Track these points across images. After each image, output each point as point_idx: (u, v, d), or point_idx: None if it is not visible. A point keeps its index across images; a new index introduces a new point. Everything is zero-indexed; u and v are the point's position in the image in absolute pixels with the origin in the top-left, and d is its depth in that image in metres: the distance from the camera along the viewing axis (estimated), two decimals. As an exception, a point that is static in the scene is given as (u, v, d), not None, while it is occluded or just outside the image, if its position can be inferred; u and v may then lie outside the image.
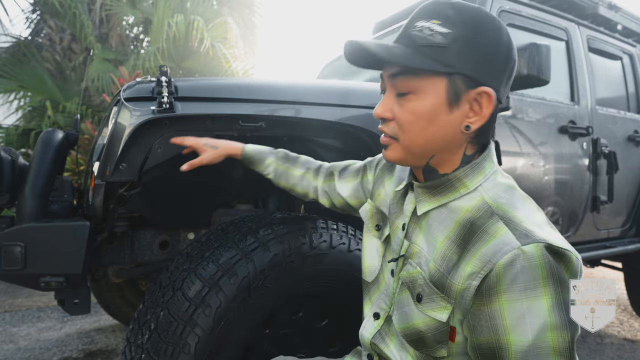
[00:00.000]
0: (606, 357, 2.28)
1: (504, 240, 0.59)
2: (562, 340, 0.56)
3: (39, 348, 2.33)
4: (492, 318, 0.58)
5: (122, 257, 1.43)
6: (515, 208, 0.63)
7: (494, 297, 0.57)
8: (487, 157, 0.70)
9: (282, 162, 1.13)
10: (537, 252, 0.56)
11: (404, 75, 0.66)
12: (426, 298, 0.67)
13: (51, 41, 5.43)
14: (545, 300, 0.56)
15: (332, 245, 1.21)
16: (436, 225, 0.70)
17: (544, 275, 0.56)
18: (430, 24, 0.64)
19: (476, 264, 0.60)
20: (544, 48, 1.59)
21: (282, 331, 1.22)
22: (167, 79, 1.12)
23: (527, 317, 0.55)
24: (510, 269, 0.56)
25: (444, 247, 0.66)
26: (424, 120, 0.66)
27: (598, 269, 3.52)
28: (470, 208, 0.66)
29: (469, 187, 0.68)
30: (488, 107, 0.66)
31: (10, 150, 1.23)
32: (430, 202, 0.72)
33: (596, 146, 2.22)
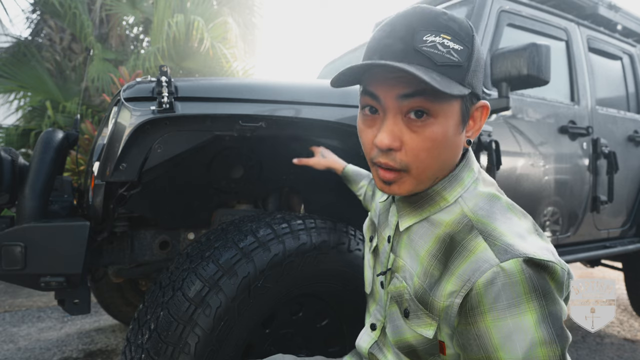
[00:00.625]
0: (606, 357, 2.28)
1: (482, 257, 0.57)
2: (553, 354, 0.54)
3: (39, 348, 2.33)
4: (479, 337, 0.56)
5: (122, 257, 1.43)
6: (495, 220, 0.61)
7: (479, 317, 0.56)
8: (464, 168, 0.68)
9: (372, 187, 1.14)
10: (516, 268, 0.54)
11: (422, 96, 0.58)
12: (412, 314, 0.66)
13: (51, 41, 5.43)
14: (530, 316, 0.54)
15: (332, 245, 1.21)
16: (417, 239, 0.68)
17: (526, 291, 0.54)
18: (441, 39, 0.58)
19: (456, 283, 0.58)
20: (544, 48, 1.59)
21: (282, 331, 1.22)
22: (167, 79, 1.12)
23: (514, 334, 0.54)
24: (491, 288, 0.55)
25: (426, 262, 0.65)
26: (442, 146, 0.61)
27: (598, 269, 3.53)
28: (450, 222, 0.64)
29: (449, 200, 0.66)
30: (483, 119, 0.66)
31: (10, 150, 1.23)
32: (410, 216, 0.70)
33: (596, 146, 2.22)
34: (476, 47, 0.61)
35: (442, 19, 0.60)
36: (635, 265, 2.69)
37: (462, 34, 0.60)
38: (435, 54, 0.58)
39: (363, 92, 0.64)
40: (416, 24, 0.59)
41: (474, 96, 0.64)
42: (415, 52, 0.58)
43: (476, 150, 1.70)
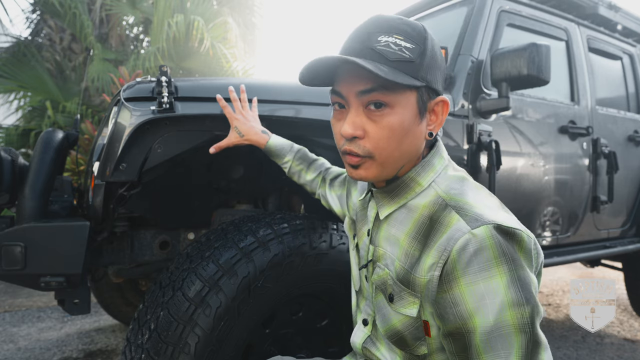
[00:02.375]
0: (606, 357, 2.28)
1: (456, 227, 0.62)
2: (521, 317, 0.57)
3: (39, 348, 2.33)
4: (455, 304, 0.60)
5: (122, 257, 1.43)
6: (466, 195, 0.67)
7: (453, 282, 0.60)
8: (435, 154, 0.74)
9: (298, 163, 1.18)
10: (486, 234, 0.59)
11: (378, 91, 0.65)
12: (397, 297, 0.70)
13: (51, 41, 5.43)
14: (501, 279, 0.58)
15: (332, 245, 1.21)
16: (397, 225, 0.73)
17: (496, 255, 0.58)
18: (394, 39, 0.65)
19: (434, 255, 0.63)
20: (544, 48, 1.59)
21: (282, 331, 1.22)
22: (167, 79, 1.12)
23: (486, 297, 0.58)
24: (464, 253, 0.59)
25: (406, 244, 0.69)
26: (400, 134, 0.67)
27: (598, 269, 3.53)
28: (426, 204, 0.70)
29: (423, 184, 0.72)
30: (445, 113, 0.72)
31: (10, 150, 1.23)
32: (390, 205, 0.75)
33: (596, 146, 2.23)
34: (429, 47, 0.68)
35: (395, 23, 0.67)
36: (635, 265, 2.69)
37: (414, 35, 0.67)
38: (387, 52, 0.65)
39: (331, 91, 0.72)
40: (372, 27, 0.67)
41: (432, 91, 0.70)
42: (371, 51, 0.66)
43: (476, 150, 1.70)
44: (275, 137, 1.18)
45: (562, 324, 2.79)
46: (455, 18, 1.95)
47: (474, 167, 1.71)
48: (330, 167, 1.19)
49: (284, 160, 1.18)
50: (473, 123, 1.71)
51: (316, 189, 1.17)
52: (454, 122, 1.68)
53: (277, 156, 1.18)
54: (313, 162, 1.19)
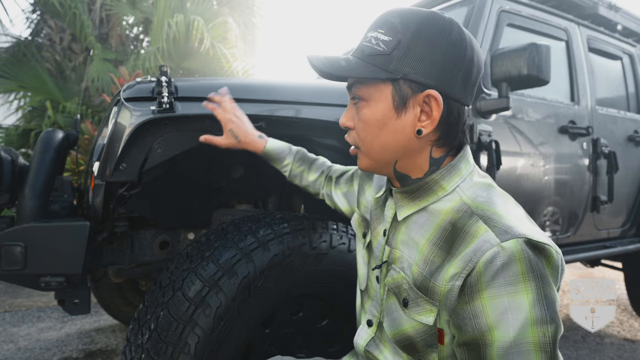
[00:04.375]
0: (606, 357, 2.28)
1: (484, 238, 0.59)
2: (544, 336, 0.56)
3: (39, 348, 2.33)
4: (475, 316, 0.58)
5: (122, 257, 1.43)
6: (494, 204, 0.63)
7: (476, 294, 0.58)
8: (462, 158, 0.70)
9: (299, 164, 1.15)
10: (516, 248, 0.56)
11: (355, 86, 0.70)
12: (412, 302, 0.68)
13: (51, 41, 5.43)
14: (526, 295, 0.56)
15: (332, 245, 1.21)
16: (416, 229, 0.70)
17: (524, 271, 0.56)
18: (376, 33, 0.67)
19: (458, 265, 0.60)
20: (544, 48, 1.58)
21: (282, 331, 1.22)
22: (167, 79, 1.12)
23: (508, 312, 0.56)
24: (491, 266, 0.57)
25: (427, 250, 0.66)
26: (374, 127, 0.68)
27: (598, 269, 3.53)
28: (450, 210, 0.66)
29: (447, 189, 0.68)
30: (437, 110, 0.65)
31: (10, 150, 1.23)
32: (409, 206, 0.72)
33: (596, 146, 2.22)
34: (413, 38, 0.64)
35: (388, 17, 0.68)
36: (635, 265, 2.69)
37: (398, 27, 0.65)
38: (366, 47, 0.68)
39: None
40: (371, 24, 0.70)
41: (417, 85, 0.65)
42: (358, 48, 0.69)
43: (476, 150, 1.70)
44: (272, 141, 1.14)
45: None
46: (455, 18, 1.94)
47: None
48: (332, 165, 1.16)
49: (284, 164, 1.14)
50: (473, 123, 1.71)
51: (320, 189, 1.13)
52: (454, 122, 1.68)
53: (277, 160, 1.14)
54: (313, 161, 1.16)
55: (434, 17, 0.66)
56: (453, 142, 0.70)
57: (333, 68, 0.68)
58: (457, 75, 0.65)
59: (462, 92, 0.67)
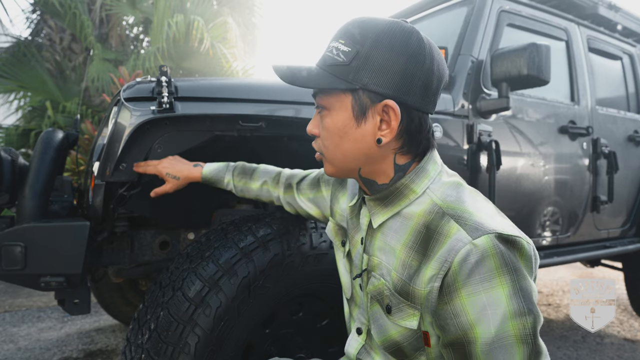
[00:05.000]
0: (606, 357, 2.28)
1: (456, 237, 0.60)
2: (523, 327, 0.57)
3: (39, 348, 2.33)
4: (456, 315, 0.59)
5: (122, 257, 1.43)
6: (463, 202, 0.65)
7: (454, 293, 0.59)
8: (429, 160, 0.72)
9: (239, 179, 1.15)
10: (488, 244, 0.58)
11: (319, 95, 0.71)
12: (395, 308, 0.69)
13: (51, 41, 5.43)
14: (503, 289, 0.57)
15: (332, 245, 1.21)
16: (392, 234, 0.71)
17: (498, 266, 0.58)
18: (337, 44, 0.68)
19: (435, 266, 0.61)
20: (544, 48, 1.59)
21: (282, 331, 1.22)
22: (167, 79, 1.12)
23: (487, 308, 0.57)
24: (465, 264, 0.58)
25: (403, 255, 0.67)
26: (336, 136, 0.70)
27: (598, 269, 3.53)
28: (422, 212, 0.67)
29: (417, 192, 0.70)
30: (395, 120, 0.66)
31: (10, 150, 1.23)
32: (383, 213, 0.73)
33: (596, 146, 2.22)
34: (370, 49, 0.65)
35: (349, 27, 0.68)
36: (635, 265, 2.69)
37: (357, 38, 0.66)
38: (327, 57, 0.69)
39: None
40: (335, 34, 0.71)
41: (374, 95, 0.66)
42: (321, 58, 0.71)
43: (476, 150, 1.70)
44: (209, 165, 1.17)
45: (562, 324, 2.79)
46: (455, 18, 1.95)
47: (474, 167, 1.71)
48: (282, 170, 1.14)
49: (225, 182, 1.15)
50: (473, 123, 1.71)
51: (271, 196, 1.12)
52: (454, 122, 1.68)
53: (217, 181, 1.16)
54: (254, 170, 1.16)
55: (392, 28, 0.66)
56: (417, 149, 0.71)
57: (294, 78, 0.70)
58: (416, 84, 0.66)
59: (422, 101, 0.67)
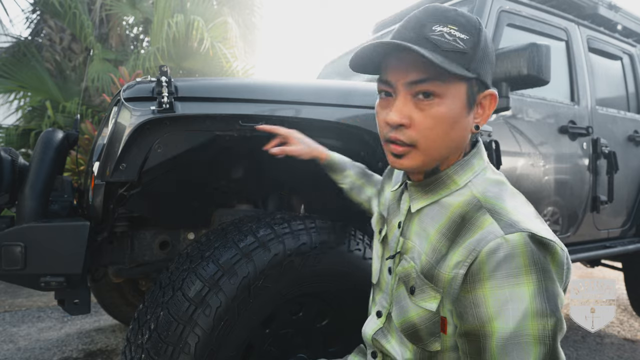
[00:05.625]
0: (606, 357, 2.28)
1: (489, 229, 0.61)
2: (543, 328, 0.56)
3: (39, 348, 2.33)
4: (476, 305, 0.59)
5: (122, 257, 1.43)
6: (503, 200, 0.66)
7: (478, 284, 0.59)
8: (476, 155, 0.74)
9: (359, 177, 1.16)
10: (520, 241, 0.58)
11: (430, 82, 0.65)
12: (418, 289, 0.70)
13: (51, 41, 5.43)
14: (528, 287, 0.57)
15: (332, 245, 1.21)
16: (428, 220, 0.72)
17: (526, 263, 0.57)
18: (448, 29, 0.65)
19: (462, 253, 0.62)
20: (544, 48, 1.58)
21: (282, 331, 1.22)
22: (167, 79, 1.12)
23: (509, 303, 0.57)
24: (494, 257, 0.58)
25: (435, 240, 0.69)
26: (447, 125, 0.67)
27: (598, 269, 3.53)
28: (460, 203, 0.69)
29: (459, 183, 0.71)
30: (491, 108, 0.71)
31: (10, 150, 1.23)
32: (423, 199, 0.75)
33: (596, 146, 2.22)
34: (483, 40, 0.67)
35: (451, 14, 0.67)
36: (635, 265, 2.69)
37: (468, 27, 0.67)
38: (441, 41, 0.65)
39: (379, 79, 0.72)
40: (427, 17, 0.67)
41: (482, 84, 0.69)
42: (425, 40, 0.65)
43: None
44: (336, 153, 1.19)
45: (562, 324, 2.79)
46: (455, 18, 1.95)
47: (474, 167, 1.71)
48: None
49: (345, 174, 1.15)
50: (473, 123, 1.71)
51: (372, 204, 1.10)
52: (454, 122, 1.68)
53: (338, 169, 1.16)
54: (371, 176, 1.16)
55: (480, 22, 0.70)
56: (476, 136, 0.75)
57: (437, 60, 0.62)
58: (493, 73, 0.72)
59: None
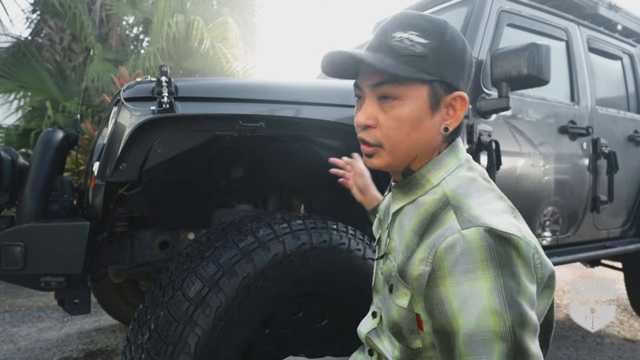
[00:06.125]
0: (606, 357, 2.28)
1: (448, 226, 0.62)
2: (503, 325, 0.56)
3: (39, 348, 2.33)
4: (441, 302, 0.60)
5: (122, 257, 1.43)
6: (469, 196, 0.66)
7: (440, 280, 0.60)
8: (448, 153, 0.74)
9: None
10: (475, 236, 0.59)
11: (389, 84, 0.69)
12: (394, 287, 0.73)
13: (51, 41, 5.43)
14: (484, 283, 0.57)
15: (332, 245, 1.21)
16: (405, 220, 0.74)
17: (482, 258, 0.58)
18: (408, 35, 0.68)
19: (425, 250, 0.64)
20: (544, 48, 1.58)
21: (282, 331, 1.22)
22: (167, 79, 1.12)
23: (469, 299, 0.57)
24: (451, 253, 0.60)
25: (408, 238, 0.71)
26: (409, 126, 0.69)
27: (598, 269, 3.53)
28: (431, 201, 0.70)
29: (433, 182, 0.72)
30: (462, 109, 0.72)
31: (10, 150, 1.23)
32: (402, 199, 0.76)
33: (596, 146, 2.22)
34: (447, 43, 0.69)
35: (413, 19, 0.69)
36: (635, 265, 2.69)
37: (430, 31, 0.68)
38: (399, 47, 0.68)
39: (354, 84, 0.76)
40: (391, 24, 0.70)
41: (448, 86, 0.70)
42: (386, 46, 0.69)
43: (476, 150, 1.70)
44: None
45: (562, 324, 2.79)
46: (455, 18, 1.95)
47: (474, 167, 1.71)
48: None
49: None
50: (473, 123, 1.71)
51: None
52: (454, 122, 1.68)
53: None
54: None
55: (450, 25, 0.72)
56: (455, 137, 0.75)
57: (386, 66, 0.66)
58: (467, 77, 0.73)
59: (467, 91, 0.74)
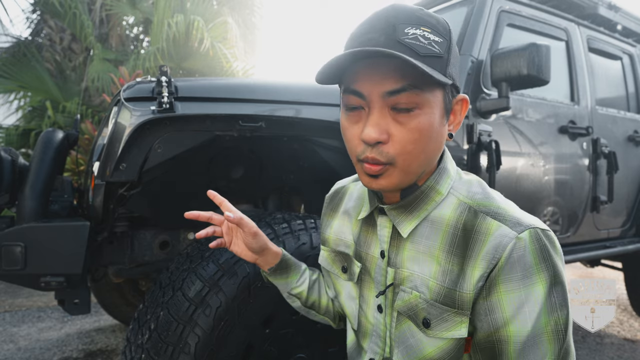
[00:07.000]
0: (606, 357, 2.28)
1: (500, 233, 0.58)
2: (556, 324, 0.56)
3: (39, 348, 2.33)
4: (491, 311, 0.58)
5: (122, 257, 1.43)
6: (493, 199, 0.64)
7: (493, 289, 0.58)
8: (447, 159, 0.70)
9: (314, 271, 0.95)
10: (530, 238, 0.57)
11: (409, 91, 0.57)
12: (435, 320, 0.62)
13: (51, 41, 5.43)
14: (542, 286, 0.57)
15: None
16: (423, 242, 0.66)
17: (537, 262, 0.57)
18: (422, 31, 0.58)
19: (482, 265, 0.58)
20: (544, 48, 1.58)
21: (282, 331, 1.21)
22: (167, 79, 1.12)
23: (525, 305, 0.56)
24: (510, 259, 0.57)
25: (443, 260, 0.63)
26: (427, 137, 0.60)
27: (598, 269, 3.53)
28: (452, 214, 0.64)
29: (442, 193, 0.66)
30: (464, 113, 0.67)
31: (10, 150, 1.23)
32: (410, 220, 0.67)
33: (596, 146, 2.22)
34: (453, 41, 0.62)
35: (420, 14, 0.60)
36: (635, 265, 2.69)
37: (440, 28, 0.60)
38: (417, 45, 0.57)
39: (346, 91, 0.62)
40: (396, 18, 0.59)
41: (455, 89, 0.64)
42: (398, 44, 0.57)
43: (476, 150, 1.70)
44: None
45: (562, 324, 2.79)
46: (455, 18, 1.95)
47: (474, 167, 1.71)
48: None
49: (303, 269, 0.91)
50: (473, 123, 1.71)
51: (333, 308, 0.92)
52: (454, 122, 1.68)
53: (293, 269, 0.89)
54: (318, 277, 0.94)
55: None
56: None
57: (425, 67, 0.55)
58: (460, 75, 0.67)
59: None
